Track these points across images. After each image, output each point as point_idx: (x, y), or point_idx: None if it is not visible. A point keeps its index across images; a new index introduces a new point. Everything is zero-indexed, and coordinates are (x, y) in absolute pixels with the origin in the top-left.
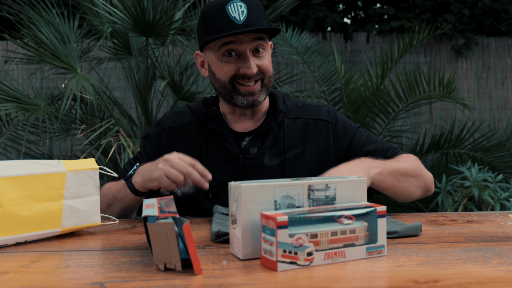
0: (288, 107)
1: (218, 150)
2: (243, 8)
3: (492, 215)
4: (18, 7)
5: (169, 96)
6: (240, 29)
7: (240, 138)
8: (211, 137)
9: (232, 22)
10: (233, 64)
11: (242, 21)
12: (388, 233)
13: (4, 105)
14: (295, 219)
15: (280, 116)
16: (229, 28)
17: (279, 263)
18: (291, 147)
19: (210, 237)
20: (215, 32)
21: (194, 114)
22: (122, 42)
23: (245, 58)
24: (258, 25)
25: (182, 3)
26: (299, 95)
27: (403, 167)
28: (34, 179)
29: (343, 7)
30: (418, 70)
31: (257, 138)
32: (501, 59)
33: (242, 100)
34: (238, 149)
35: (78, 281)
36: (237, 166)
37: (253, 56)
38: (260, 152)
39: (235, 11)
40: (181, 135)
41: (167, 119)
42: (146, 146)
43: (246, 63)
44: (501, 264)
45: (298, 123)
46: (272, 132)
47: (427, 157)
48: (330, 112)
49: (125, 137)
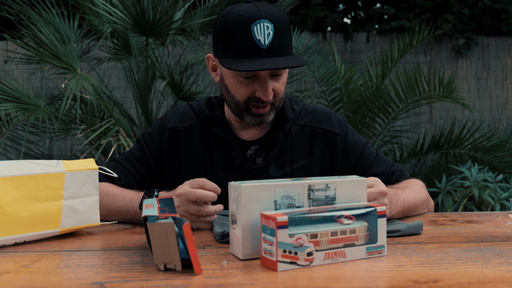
0: (296, 113)
1: (222, 158)
2: (270, 30)
3: (492, 215)
4: (18, 7)
5: (169, 96)
6: (263, 54)
7: (245, 146)
8: (215, 143)
9: (256, 45)
10: (249, 86)
11: (266, 45)
12: (390, 232)
13: (4, 105)
14: (295, 219)
15: (288, 124)
16: (250, 52)
17: (279, 263)
18: (297, 158)
19: (214, 237)
20: (235, 51)
21: (197, 116)
22: (122, 42)
23: (263, 83)
24: (282, 49)
25: (182, 3)
26: (299, 95)
27: (416, 200)
28: (33, 179)
29: (343, 7)
30: (418, 70)
31: (263, 148)
32: (501, 59)
33: (251, 119)
34: (243, 158)
35: (78, 281)
36: (241, 176)
37: (270, 78)
38: (266, 162)
39: (261, 33)
40: (184, 138)
41: (170, 119)
42: (149, 143)
43: (263, 88)
44: (501, 264)
45: (306, 132)
46: (279, 141)
47: (427, 157)
48: (340, 124)
49: (125, 137)
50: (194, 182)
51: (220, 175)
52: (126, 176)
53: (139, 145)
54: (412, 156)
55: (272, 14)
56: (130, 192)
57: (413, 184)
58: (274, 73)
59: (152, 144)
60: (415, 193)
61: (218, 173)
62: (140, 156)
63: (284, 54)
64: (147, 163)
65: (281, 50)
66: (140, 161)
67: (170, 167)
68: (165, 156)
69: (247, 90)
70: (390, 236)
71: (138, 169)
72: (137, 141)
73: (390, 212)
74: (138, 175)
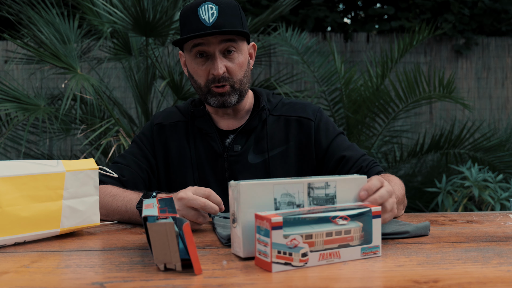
0: (273, 105)
1: (204, 148)
2: (214, 10)
3: (492, 215)
4: (18, 7)
5: (169, 96)
6: (207, 30)
7: (225, 136)
8: (198, 135)
9: (202, 24)
10: (204, 65)
11: (211, 23)
12: (398, 233)
13: (4, 105)
14: (290, 219)
15: (264, 114)
16: (197, 30)
17: (273, 264)
18: (274, 145)
19: (220, 240)
20: (186, 34)
21: (182, 113)
22: (122, 42)
23: (213, 59)
24: (228, 26)
25: (182, 3)
26: (299, 95)
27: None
28: (33, 179)
29: (343, 7)
30: (418, 70)
31: (240, 136)
32: (501, 59)
33: (214, 100)
34: (222, 147)
35: (78, 281)
36: (222, 164)
37: (223, 57)
38: (244, 149)
39: (205, 13)
40: (170, 132)
41: (157, 117)
42: (143, 140)
43: (213, 64)
44: (501, 264)
45: (282, 121)
46: (256, 130)
47: (427, 157)
48: (315, 111)
49: (125, 137)
50: (199, 191)
51: (204, 163)
52: (129, 171)
53: (135, 144)
54: (412, 156)
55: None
56: (130, 192)
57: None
58: (225, 51)
59: (146, 140)
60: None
61: (202, 162)
62: (138, 152)
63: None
64: (145, 157)
65: (226, 27)
66: (139, 157)
67: (161, 160)
68: (157, 150)
69: (203, 71)
70: (399, 238)
71: (138, 164)
72: (132, 142)
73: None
74: (140, 169)
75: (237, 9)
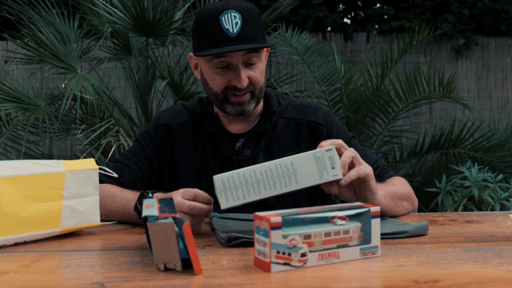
0: (283, 107)
1: (212, 151)
2: (237, 20)
3: (492, 215)
4: (18, 7)
5: (169, 96)
6: (232, 42)
7: (234, 140)
8: (206, 137)
9: (225, 34)
10: (225, 75)
11: (235, 33)
12: (397, 233)
13: (4, 105)
14: (289, 220)
15: (274, 117)
16: (221, 41)
17: (272, 264)
18: (285, 149)
19: (219, 241)
20: (208, 43)
21: (190, 113)
22: (122, 42)
23: (237, 70)
24: (251, 37)
25: (182, 3)
26: (299, 95)
27: (400, 191)
28: (33, 179)
29: (343, 7)
30: (418, 70)
31: (251, 140)
32: (501, 59)
33: (232, 109)
34: (232, 151)
35: (78, 281)
36: (231, 167)
37: (245, 67)
38: (254, 154)
39: (229, 23)
40: (177, 133)
41: (164, 116)
42: (146, 140)
43: (237, 76)
44: (501, 264)
45: (293, 125)
46: (266, 133)
47: (427, 157)
48: (326, 116)
49: (125, 137)
50: (187, 193)
51: (211, 167)
52: (129, 173)
53: (138, 143)
54: (412, 156)
55: (239, 5)
56: (128, 193)
57: (397, 179)
58: (247, 62)
59: (150, 141)
60: (399, 187)
61: (209, 166)
62: (140, 153)
63: (254, 42)
64: (147, 158)
65: (250, 38)
66: (141, 158)
67: (165, 162)
68: (161, 151)
69: (222, 80)
70: (397, 238)
71: (139, 165)
72: (135, 140)
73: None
74: (141, 171)
75: (258, 16)
